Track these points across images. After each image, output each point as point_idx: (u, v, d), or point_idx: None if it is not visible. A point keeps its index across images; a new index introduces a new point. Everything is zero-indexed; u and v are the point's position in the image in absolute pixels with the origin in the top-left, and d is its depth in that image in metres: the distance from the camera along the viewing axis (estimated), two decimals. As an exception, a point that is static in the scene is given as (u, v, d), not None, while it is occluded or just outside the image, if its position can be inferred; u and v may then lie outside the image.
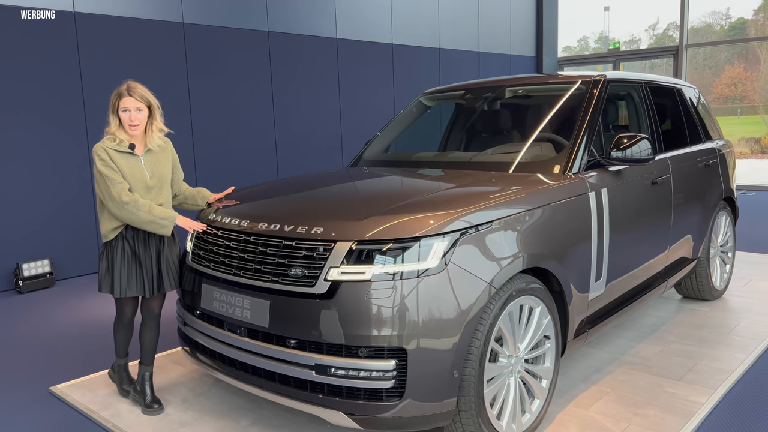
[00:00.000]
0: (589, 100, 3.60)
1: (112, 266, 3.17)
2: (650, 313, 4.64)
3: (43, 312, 5.26)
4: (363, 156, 4.35)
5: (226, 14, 7.55)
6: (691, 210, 4.34)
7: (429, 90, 4.64)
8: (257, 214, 2.94)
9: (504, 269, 2.65)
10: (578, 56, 15.50)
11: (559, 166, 3.31)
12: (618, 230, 3.44)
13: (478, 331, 2.55)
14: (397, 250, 2.50)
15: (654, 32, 21.37)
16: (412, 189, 3.32)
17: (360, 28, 9.20)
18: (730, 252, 5.11)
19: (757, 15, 21.17)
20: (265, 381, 2.74)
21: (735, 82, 21.50)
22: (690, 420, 3.02)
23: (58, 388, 3.64)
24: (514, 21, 12.24)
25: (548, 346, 2.97)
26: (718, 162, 4.81)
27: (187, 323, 3.19)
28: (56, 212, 6.22)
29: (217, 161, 7.49)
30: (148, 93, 3.17)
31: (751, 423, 3.01)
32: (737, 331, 4.22)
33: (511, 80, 4.25)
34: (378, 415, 2.49)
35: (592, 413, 3.14)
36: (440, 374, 2.47)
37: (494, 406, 2.70)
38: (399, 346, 2.44)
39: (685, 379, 3.49)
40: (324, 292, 2.52)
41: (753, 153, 19.83)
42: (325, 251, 2.57)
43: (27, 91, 5.99)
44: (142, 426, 3.15)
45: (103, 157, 3.06)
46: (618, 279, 3.54)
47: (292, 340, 2.60)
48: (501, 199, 2.84)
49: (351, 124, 9.15)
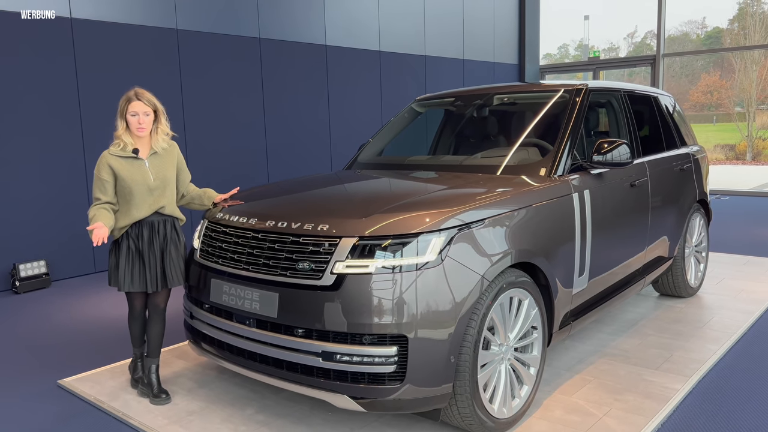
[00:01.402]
0: (572, 108, 3.85)
1: (117, 262, 3.35)
2: (629, 309, 4.89)
3: (41, 311, 5.37)
4: (358, 159, 4.55)
5: (219, 21, 7.73)
6: (668, 211, 4.61)
7: (420, 97, 4.86)
8: (265, 213, 3.13)
9: (496, 264, 2.86)
10: (559, 64, 15.87)
11: (545, 169, 3.54)
12: (599, 229, 3.68)
13: (473, 321, 2.76)
14: (397, 245, 2.71)
15: (632, 40, 21.88)
16: (409, 189, 3.53)
17: (348, 36, 9.41)
18: (704, 252, 5.39)
19: (732, 24, 21.78)
20: (273, 368, 2.92)
21: (711, 90, 22.08)
22: (666, 404, 3.26)
23: (66, 382, 3.78)
24: (498, 29, 12.56)
25: (536, 336, 3.19)
26: (693, 166, 5.09)
27: (195, 316, 3.36)
28: (52, 214, 6.33)
29: (209, 165, 7.63)
30: (154, 98, 3.37)
31: (722, 406, 3.25)
32: (710, 325, 4.49)
33: (498, 88, 4.48)
34: (381, 398, 2.68)
35: (576, 399, 3.36)
36: (438, 360, 2.67)
37: (487, 390, 2.91)
38: (400, 333, 2.64)
39: (661, 368, 3.73)
40: (330, 284, 2.71)
41: (728, 159, 20.39)
42: (330, 246, 2.77)
43: (24, 95, 6.11)
44: (151, 415, 3.31)
45: (99, 168, 3.30)
46: (600, 275, 3.77)
47: (300, 330, 2.79)
48: (492, 199, 3.06)
49: (339, 128, 9.35)
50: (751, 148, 20.83)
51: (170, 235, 3.41)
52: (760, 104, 20.22)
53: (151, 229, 3.36)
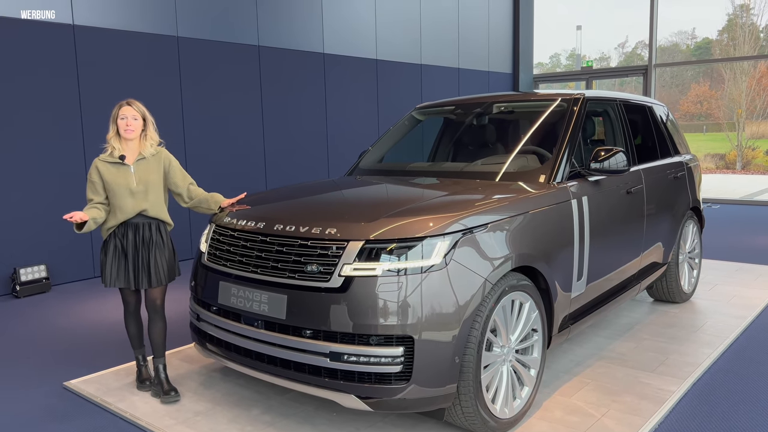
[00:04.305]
0: (570, 116, 3.95)
1: (105, 260, 3.53)
2: (624, 314, 4.99)
3: (42, 315, 5.41)
4: (359, 165, 4.63)
5: (218, 29, 7.81)
6: (662, 218, 4.71)
7: (421, 105, 4.95)
8: (273, 217, 3.20)
9: (498, 267, 2.95)
10: (553, 74, 16.04)
11: (544, 176, 3.63)
12: (597, 234, 3.78)
13: (476, 322, 2.84)
14: (404, 249, 2.79)
15: (623, 50, 22.18)
16: (413, 195, 3.61)
17: (346, 44, 9.52)
18: (697, 258, 5.50)
19: (721, 35, 22.12)
20: (280, 369, 2.98)
21: (700, 100, 22.38)
22: (662, 405, 3.35)
23: (72, 384, 3.82)
24: (492, 39, 12.71)
25: (536, 338, 3.27)
26: (686, 174, 5.21)
27: (202, 318, 3.42)
28: (52, 218, 6.36)
29: (208, 170, 7.69)
30: (144, 109, 3.59)
31: (716, 408, 3.34)
32: (704, 329, 4.59)
33: (497, 97, 4.58)
34: (387, 398, 2.75)
35: (575, 401, 3.44)
36: (443, 360, 2.75)
37: (489, 390, 2.99)
38: (407, 334, 2.71)
39: (657, 371, 3.82)
40: (338, 286, 2.78)
41: (718, 168, 20.66)
42: (338, 250, 2.85)
43: (25, 99, 6.16)
44: (158, 415, 3.36)
45: (91, 171, 3.53)
46: (597, 280, 3.86)
47: (308, 331, 2.86)
48: (493, 204, 3.14)
49: (337, 135, 9.43)
50: (740, 157, 21.11)
51: (155, 238, 3.54)
52: (749, 115, 20.49)
53: (135, 231, 3.51)
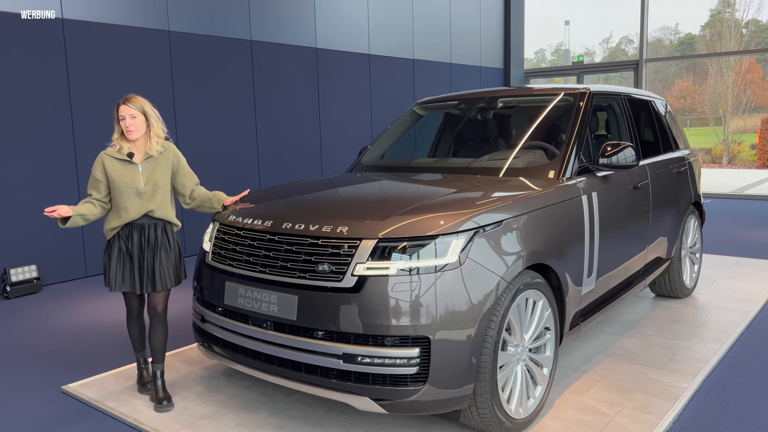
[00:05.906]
0: (578, 111, 3.89)
1: (110, 263, 3.37)
2: (628, 310, 4.96)
3: (34, 317, 5.27)
4: (361, 161, 4.55)
5: (210, 23, 7.67)
6: (666, 213, 4.69)
7: (422, 99, 4.87)
8: (280, 215, 3.11)
9: (513, 265, 2.88)
10: (545, 68, 16.04)
11: (554, 172, 3.58)
12: (606, 230, 3.73)
13: (493, 321, 2.78)
14: (417, 247, 2.72)
15: (607, 46, 22.24)
16: (423, 192, 3.54)
17: (339, 39, 9.41)
18: (698, 253, 5.49)
19: (704, 31, 22.27)
20: (291, 371, 2.90)
21: (684, 95, 22.54)
22: (676, 402, 3.31)
23: (71, 387, 3.71)
24: (484, 34, 12.66)
25: (548, 336, 3.22)
26: (688, 169, 5.19)
27: (207, 320, 3.33)
28: (43, 218, 6.19)
29: (199, 165, 7.53)
30: (144, 102, 3.37)
31: (729, 403, 3.32)
32: (708, 325, 4.57)
33: (501, 92, 4.51)
34: (402, 400, 2.68)
35: (587, 399, 3.40)
36: (460, 360, 2.68)
37: (504, 391, 2.93)
38: (423, 335, 2.64)
39: (666, 368, 3.79)
40: (351, 286, 2.71)
41: (704, 163, 20.81)
42: (350, 248, 2.77)
43: (14, 99, 5.99)
44: (162, 419, 3.27)
45: (95, 166, 3.36)
46: (606, 275, 3.82)
47: (320, 332, 2.78)
48: (506, 201, 3.07)
49: (330, 130, 9.33)
50: (727, 151, 21.28)
51: (161, 240, 3.39)
52: (735, 110, 20.66)
53: (141, 232, 3.36)
